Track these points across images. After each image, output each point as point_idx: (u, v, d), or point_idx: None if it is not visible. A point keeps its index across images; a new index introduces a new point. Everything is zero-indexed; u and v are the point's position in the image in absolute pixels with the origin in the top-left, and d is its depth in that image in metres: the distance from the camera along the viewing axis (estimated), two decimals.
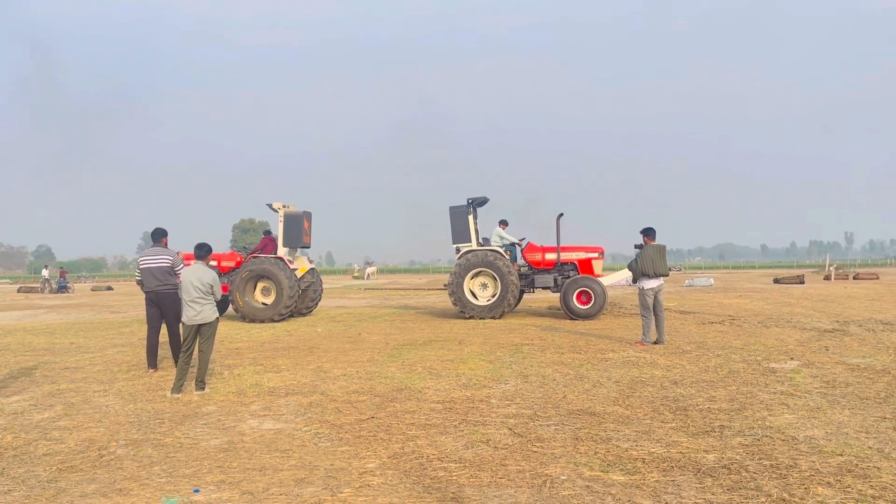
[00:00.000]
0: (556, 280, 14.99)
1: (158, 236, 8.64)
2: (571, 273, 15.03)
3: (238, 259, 15.99)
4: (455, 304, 14.87)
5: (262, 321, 14.78)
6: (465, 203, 15.23)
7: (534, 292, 16.21)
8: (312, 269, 16.55)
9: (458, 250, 15.29)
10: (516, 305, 16.12)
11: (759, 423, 5.34)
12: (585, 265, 15.05)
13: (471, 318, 14.63)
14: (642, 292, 9.88)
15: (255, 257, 15.27)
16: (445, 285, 15.49)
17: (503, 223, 15.93)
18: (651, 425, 5.34)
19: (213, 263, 15.66)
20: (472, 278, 14.98)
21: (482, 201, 15.70)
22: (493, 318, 14.47)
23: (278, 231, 15.63)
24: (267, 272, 14.90)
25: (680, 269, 68.08)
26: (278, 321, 14.88)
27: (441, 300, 22.97)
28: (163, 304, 8.34)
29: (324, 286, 20.23)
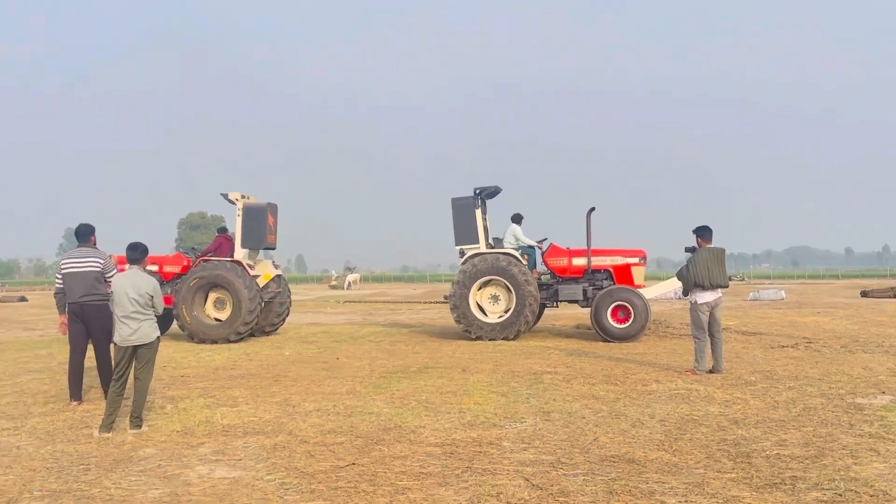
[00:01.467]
0: (585, 291, 15.00)
1: (85, 234, 8.64)
2: (605, 283, 15.05)
3: (185, 263, 16.02)
4: (458, 321, 14.89)
5: (215, 341, 14.81)
6: (472, 194, 15.25)
7: (557, 306, 16.22)
8: (279, 276, 16.58)
9: (462, 253, 15.32)
10: (535, 323, 16.13)
11: (842, 473, 5.33)
12: (623, 273, 15.06)
13: (478, 338, 14.65)
14: (695, 307, 9.88)
15: (206, 261, 15.30)
16: (446, 297, 15.50)
17: (519, 219, 15.93)
18: (705, 476, 5.33)
19: (153, 269, 15.68)
20: (480, 289, 15.00)
21: (493, 192, 15.72)
22: (505, 338, 14.49)
23: (236, 228, 15.66)
24: (221, 280, 14.93)
25: (743, 279, 68.13)
26: (235, 341, 14.91)
27: (440, 316, 22.97)
28: (90, 319, 8.34)
29: (294, 297, 20.23)
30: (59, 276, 8.44)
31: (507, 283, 14.64)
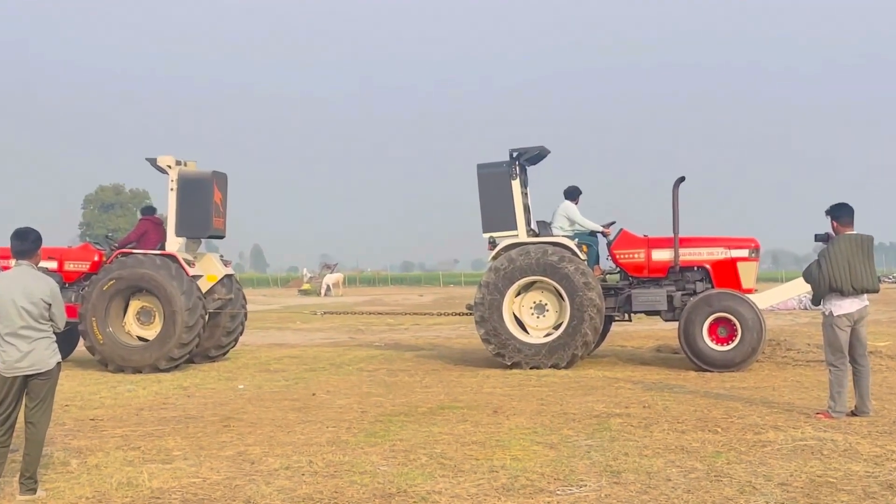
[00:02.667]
0: (671, 298, 14.94)
1: None
2: (699, 285, 15.00)
3: (96, 258, 16.10)
4: (487, 340, 14.88)
5: (139, 370, 14.87)
6: (507, 159, 15.18)
7: (630, 319, 16.18)
8: (229, 276, 16.62)
9: (492, 244, 15.28)
10: (599, 345, 16.08)
11: None
12: (725, 271, 14.98)
13: (515, 365, 14.66)
14: (830, 321, 9.82)
15: (126, 255, 15.36)
16: (470, 307, 15.50)
17: (575, 195, 15.83)
18: None
19: (51, 265, 15.77)
20: (518, 294, 14.98)
21: (537, 156, 15.65)
22: (555, 366, 14.47)
23: (169, 207, 15.70)
24: (147, 281, 14.98)
25: None
26: (167, 370, 14.96)
27: (459, 334, 22.99)
28: None
29: (252, 307, 20.32)
30: None
31: (558, 287, 14.60)
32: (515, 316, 15.00)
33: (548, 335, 14.82)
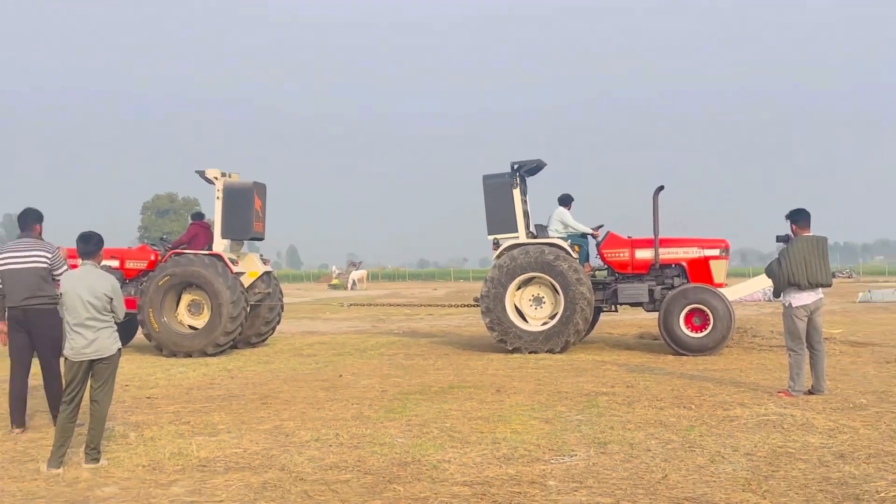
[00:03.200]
0: (651, 291, 14.94)
1: (30, 222, 8.73)
2: (677, 280, 14.98)
3: (152, 257, 16.15)
4: (492, 329, 14.89)
5: (189, 354, 14.92)
6: (509, 170, 15.21)
7: (616, 310, 16.16)
8: (268, 273, 16.66)
9: (496, 245, 15.29)
10: (589, 332, 16.07)
11: None
12: (699, 268, 14.97)
13: (515, 350, 14.65)
14: (789, 312, 9.80)
15: (178, 254, 15.40)
16: (477, 300, 15.50)
17: (568, 202, 15.86)
18: None
19: (114, 264, 15.83)
20: (519, 289, 14.98)
21: (535, 167, 15.68)
22: (550, 351, 14.46)
23: (215, 213, 15.75)
24: (197, 278, 15.02)
25: (850, 276, 67.42)
26: (213, 355, 15.01)
27: (468, 323, 22.99)
28: (35, 327, 8.42)
29: (287, 299, 20.32)
30: None
31: (554, 282, 14.61)
32: (517, 307, 15.00)
33: (544, 324, 14.81)
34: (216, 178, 15.72)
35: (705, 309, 14.13)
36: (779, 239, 10.22)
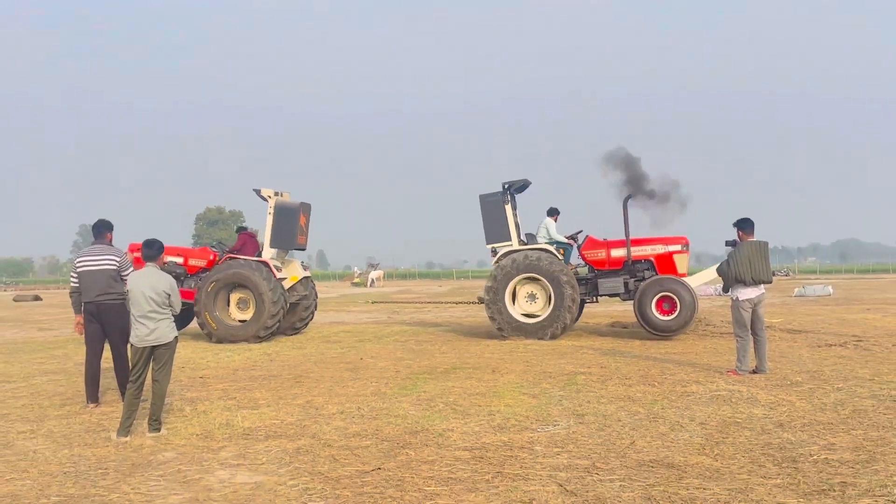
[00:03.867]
0: (626, 283, 14.96)
1: (102, 230, 8.77)
2: (647, 273, 15.01)
3: (211, 258, 16.18)
4: (493, 318, 14.87)
5: (238, 342, 14.89)
6: (501, 189, 15.23)
7: (597, 301, 16.17)
8: (306, 277, 16.68)
9: (494, 252, 15.30)
10: (577, 320, 16.06)
11: (895, 479, 5.26)
12: (665, 262, 15.00)
13: (509, 338, 14.63)
14: (736, 304, 9.81)
15: (233, 258, 15.43)
16: (481, 298, 15.53)
17: (554, 213, 15.92)
18: (748, 482, 5.29)
19: (178, 261, 15.88)
20: (515, 288, 14.95)
21: (522, 186, 15.70)
22: (541, 339, 14.44)
23: (266, 226, 15.79)
24: (241, 278, 15.03)
25: (787, 274, 67.48)
26: (258, 341, 14.99)
27: (468, 314, 23.00)
28: (106, 319, 8.46)
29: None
30: (75, 275, 8.58)
31: (545, 280, 14.61)
32: (514, 303, 14.97)
33: (537, 317, 14.79)
34: (269, 197, 15.79)
35: (673, 296, 14.17)
36: (727, 244, 10.22)
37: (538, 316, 14.79)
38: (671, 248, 15.10)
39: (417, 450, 6.33)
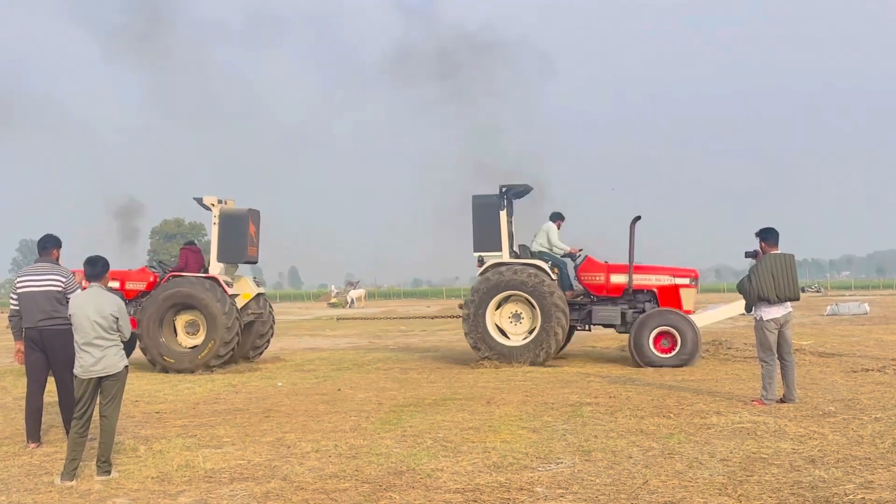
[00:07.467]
0: (623, 314, 14.89)
1: (48, 247, 8.70)
2: (647, 305, 14.97)
3: (151, 279, 16.12)
4: (476, 347, 14.86)
5: (192, 371, 14.77)
6: (498, 192, 15.21)
7: (590, 330, 16.14)
8: (260, 294, 16.66)
9: (480, 262, 15.25)
10: (563, 347, 16.02)
11: None
12: (669, 294, 14.95)
13: (486, 358, 14.69)
14: (760, 325, 9.82)
15: (176, 276, 15.37)
16: (461, 307, 15.49)
17: (556, 218, 15.80)
18: None
19: (114, 285, 15.79)
20: (498, 307, 14.92)
21: (522, 191, 15.68)
22: (519, 364, 14.36)
23: (212, 238, 15.78)
24: (188, 298, 14.98)
25: (818, 290, 67.71)
26: (211, 369, 14.88)
27: (459, 338, 22.91)
28: (50, 346, 8.38)
29: (289, 317, 20.30)
30: (14, 297, 8.50)
31: (531, 299, 14.57)
32: (496, 324, 14.95)
33: (524, 339, 14.78)
34: (213, 205, 15.77)
35: (674, 332, 14.11)
36: (748, 254, 10.26)
37: (520, 338, 14.78)
38: (679, 280, 15.06)
39: (402, 493, 6.30)
